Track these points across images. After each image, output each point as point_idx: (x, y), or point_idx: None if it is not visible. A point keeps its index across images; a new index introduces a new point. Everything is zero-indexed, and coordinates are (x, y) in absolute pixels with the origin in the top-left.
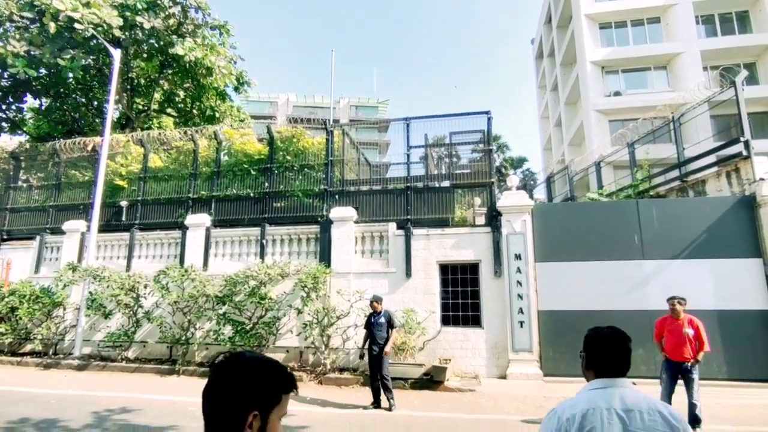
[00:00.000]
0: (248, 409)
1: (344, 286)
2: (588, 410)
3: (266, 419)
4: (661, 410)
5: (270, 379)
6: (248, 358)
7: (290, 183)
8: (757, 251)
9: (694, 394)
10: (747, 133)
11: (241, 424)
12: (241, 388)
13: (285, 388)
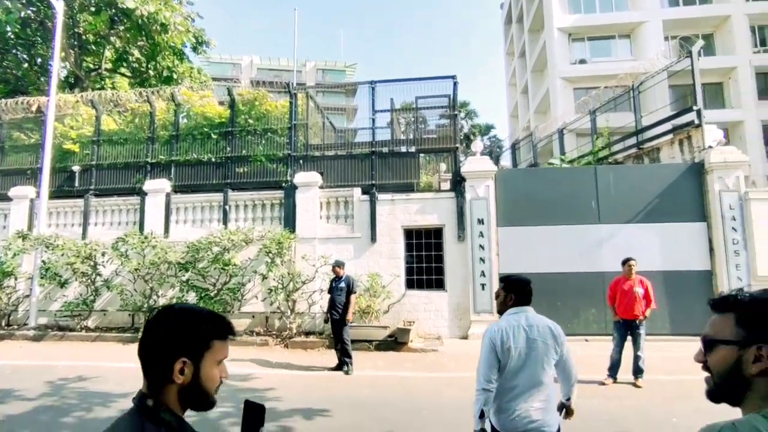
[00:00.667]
0: (175, 356)
1: (309, 252)
2: (507, 326)
3: (198, 365)
4: (549, 325)
5: (196, 327)
6: (176, 309)
7: (253, 147)
8: (703, 216)
9: (640, 348)
10: (700, 102)
11: (170, 372)
12: (168, 337)
13: (215, 334)
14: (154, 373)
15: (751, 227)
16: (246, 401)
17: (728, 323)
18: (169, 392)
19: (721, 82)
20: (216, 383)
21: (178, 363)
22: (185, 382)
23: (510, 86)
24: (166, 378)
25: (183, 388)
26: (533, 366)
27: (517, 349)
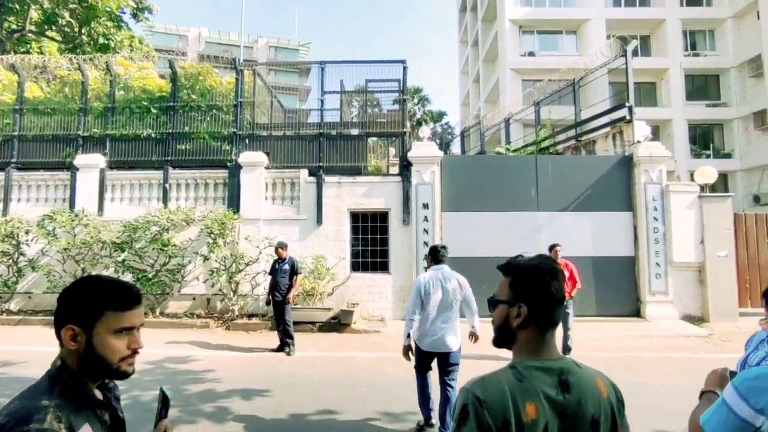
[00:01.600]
0: (63, 324)
1: (253, 233)
2: (429, 277)
3: (90, 334)
4: (457, 277)
5: (86, 296)
6: (81, 279)
7: (196, 124)
8: (629, 206)
9: (568, 326)
10: (632, 100)
11: (60, 339)
12: (61, 305)
13: (107, 305)
14: (58, 338)
15: (670, 217)
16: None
17: (505, 285)
18: (71, 357)
19: (654, 82)
20: (118, 353)
21: (66, 330)
22: (79, 349)
23: (462, 74)
24: (62, 343)
25: (79, 354)
26: (444, 304)
27: (435, 292)
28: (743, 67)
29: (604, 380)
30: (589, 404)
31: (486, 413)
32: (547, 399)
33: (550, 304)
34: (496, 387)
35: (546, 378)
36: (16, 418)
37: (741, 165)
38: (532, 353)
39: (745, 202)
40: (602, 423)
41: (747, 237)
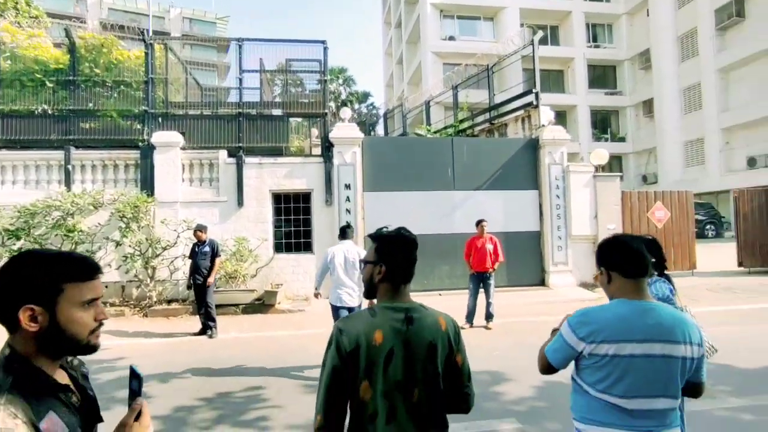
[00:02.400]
0: (18, 305)
1: (171, 216)
2: (335, 249)
3: (54, 311)
4: (357, 249)
5: (41, 271)
6: (23, 254)
7: (102, 101)
8: (536, 185)
9: (490, 296)
10: (538, 86)
11: (16, 322)
12: (10, 285)
13: (67, 276)
14: (4, 322)
15: (569, 195)
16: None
17: (372, 250)
18: (25, 341)
19: (562, 70)
20: (86, 326)
21: (24, 311)
22: (41, 330)
23: (386, 55)
24: (16, 327)
25: (40, 335)
26: (345, 270)
27: (338, 259)
28: (635, 59)
29: (445, 318)
30: (427, 333)
31: (344, 338)
32: (393, 329)
33: (403, 265)
34: (353, 321)
35: (395, 315)
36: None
37: (632, 148)
38: (388, 300)
39: (636, 182)
40: (439, 347)
41: (632, 212)
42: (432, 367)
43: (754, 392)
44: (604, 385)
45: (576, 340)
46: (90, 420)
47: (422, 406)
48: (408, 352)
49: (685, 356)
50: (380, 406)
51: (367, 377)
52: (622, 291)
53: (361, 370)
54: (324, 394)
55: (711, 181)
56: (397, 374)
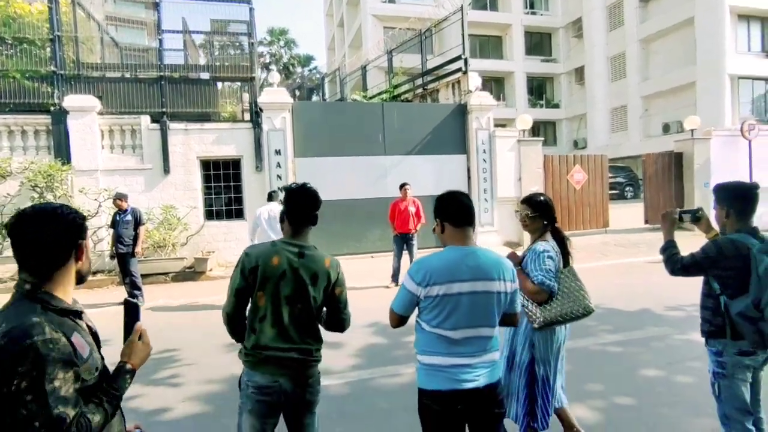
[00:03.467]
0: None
1: (91, 185)
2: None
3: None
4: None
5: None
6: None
7: (2, 60)
8: (464, 149)
9: (413, 256)
10: (467, 52)
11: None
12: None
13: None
14: (46, 261)
15: (495, 159)
16: (125, 300)
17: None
18: (64, 274)
19: (501, 36)
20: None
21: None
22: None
23: (328, 17)
24: (61, 263)
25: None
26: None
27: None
28: (569, 27)
29: (330, 259)
30: (313, 266)
31: (247, 258)
32: (287, 258)
33: (296, 211)
34: (258, 247)
35: (291, 248)
36: (12, 337)
37: (565, 114)
38: (288, 238)
39: (568, 146)
40: (320, 277)
41: (553, 174)
42: (313, 291)
43: (627, 329)
44: (437, 321)
45: (415, 286)
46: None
47: (302, 318)
48: (296, 276)
49: (500, 291)
50: (269, 311)
51: (262, 289)
52: (451, 238)
53: (258, 283)
54: (230, 303)
55: (632, 145)
56: (285, 290)
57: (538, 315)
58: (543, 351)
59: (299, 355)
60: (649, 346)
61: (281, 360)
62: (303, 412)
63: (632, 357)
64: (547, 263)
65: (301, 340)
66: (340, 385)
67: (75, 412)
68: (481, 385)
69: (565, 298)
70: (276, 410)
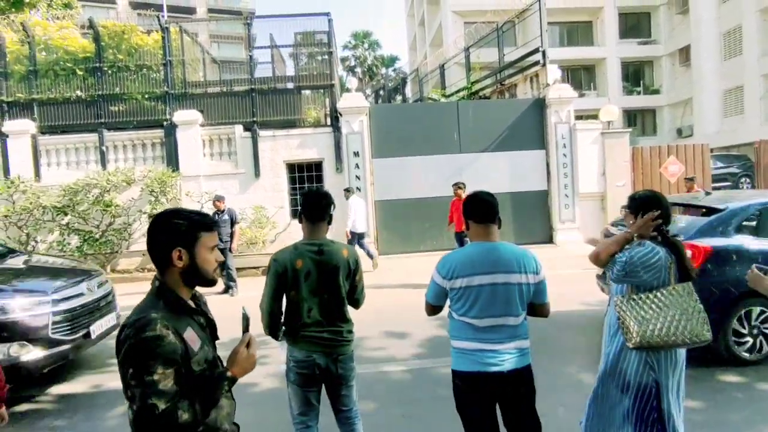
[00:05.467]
0: (172, 247)
1: (194, 189)
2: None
3: (192, 253)
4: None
5: (184, 223)
6: (167, 210)
7: (127, 85)
8: (543, 144)
9: None
10: (545, 44)
11: (169, 259)
12: (164, 234)
13: (201, 227)
14: (157, 262)
15: (576, 153)
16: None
17: None
18: (172, 275)
19: (591, 21)
20: (212, 265)
21: (175, 252)
22: (184, 266)
23: (409, 17)
24: (166, 265)
25: (183, 271)
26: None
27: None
28: (671, 4)
29: (347, 249)
30: (332, 260)
31: (276, 264)
32: (309, 257)
33: (307, 210)
34: (283, 253)
35: (311, 248)
36: (136, 328)
37: (667, 100)
38: (307, 237)
39: (670, 136)
40: (341, 267)
41: (643, 167)
42: (336, 280)
43: None
44: (463, 310)
45: (441, 279)
46: (212, 338)
47: (330, 305)
48: (319, 271)
49: (521, 282)
50: (302, 304)
51: (293, 288)
52: (474, 235)
53: (290, 284)
54: (267, 304)
55: (750, 131)
56: (312, 285)
57: (634, 334)
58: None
59: (330, 335)
60: None
61: (314, 339)
62: (338, 385)
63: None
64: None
65: (331, 323)
66: (402, 371)
67: (166, 406)
68: (505, 370)
69: (676, 320)
70: (313, 382)
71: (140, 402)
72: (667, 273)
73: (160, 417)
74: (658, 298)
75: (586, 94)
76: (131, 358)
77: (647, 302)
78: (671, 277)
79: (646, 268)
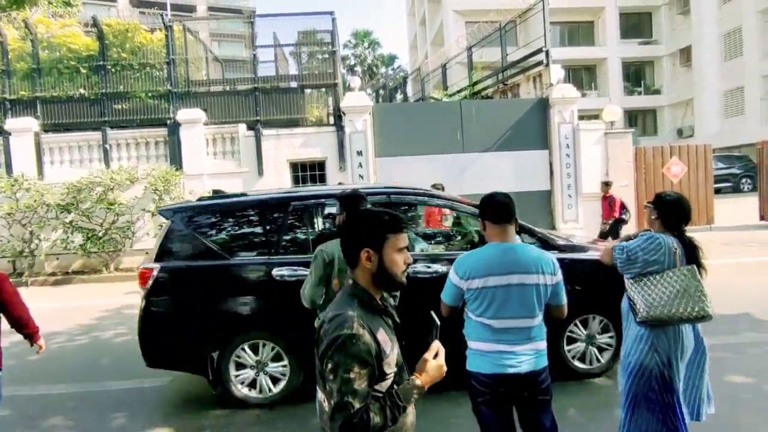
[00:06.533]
0: (360, 248)
1: (198, 187)
2: None
3: (380, 253)
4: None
5: (373, 224)
6: (360, 212)
7: (131, 83)
8: (546, 144)
9: None
10: (548, 43)
11: (358, 258)
12: (353, 235)
13: (389, 228)
14: (349, 261)
15: (579, 153)
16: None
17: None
18: (363, 275)
19: (592, 21)
20: (400, 267)
21: (363, 253)
22: (372, 268)
23: (410, 16)
24: (356, 264)
25: (372, 272)
26: None
27: None
28: (672, 4)
29: None
30: None
31: (324, 254)
32: None
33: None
34: (329, 245)
35: None
36: (335, 325)
37: (668, 101)
38: None
39: (671, 136)
40: None
41: (645, 168)
42: None
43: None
44: (480, 311)
45: (458, 279)
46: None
47: None
48: None
49: (537, 283)
50: None
51: (338, 275)
52: (490, 235)
53: (335, 272)
54: (312, 288)
55: (750, 132)
56: None
57: (640, 308)
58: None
59: None
60: (743, 352)
61: None
62: None
63: (721, 362)
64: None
65: None
66: None
67: (360, 405)
68: (523, 371)
69: (678, 296)
70: None
71: (338, 397)
72: (671, 257)
73: (354, 416)
74: (664, 278)
75: (587, 94)
76: (330, 353)
77: (653, 281)
78: (677, 261)
79: (644, 250)
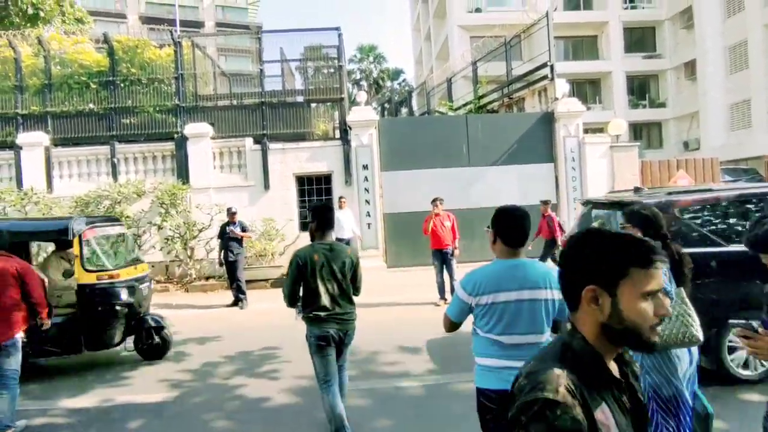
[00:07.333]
0: (583, 284)
1: (204, 201)
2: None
3: (615, 295)
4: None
5: (607, 251)
6: (587, 233)
7: (139, 98)
8: (551, 157)
9: (453, 273)
10: (552, 58)
11: (577, 300)
12: (575, 263)
13: (633, 261)
14: (567, 297)
15: (585, 166)
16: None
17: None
18: (586, 321)
19: (596, 35)
20: (646, 320)
21: (587, 291)
22: (602, 314)
23: (415, 31)
24: (576, 306)
25: (599, 320)
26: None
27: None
28: (676, 19)
29: (351, 249)
30: (340, 256)
31: (298, 258)
32: (323, 254)
33: (317, 221)
34: (303, 250)
35: (324, 246)
36: (532, 383)
37: (673, 114)
38: (319, 239)
39: (676, 149)
40: (346, 262)
41: (652, 181)
42: (342, 271)
43: None
44: (488, 327)
45: (466, 295)
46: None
47: (339, 291)
48: (330, 264)
49: (547, 298)
50: (318, 290)
51: (312, 277)
52: (501, 253)
53: (308, 273)
54: (289, 287)
55: (757, 144)
56: (325, 275)
57: None
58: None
59: (340, 315)
60: None
61: (329, 318)
62: (343, 348)
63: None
64: None
65: (340, 305)
66: (417, 387)
67: None
68: None
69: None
70: (329, 348)
71: None
72: None
73: None
74: None
75: (592, 108)
76: (519, 418)
77: None
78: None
79: None
